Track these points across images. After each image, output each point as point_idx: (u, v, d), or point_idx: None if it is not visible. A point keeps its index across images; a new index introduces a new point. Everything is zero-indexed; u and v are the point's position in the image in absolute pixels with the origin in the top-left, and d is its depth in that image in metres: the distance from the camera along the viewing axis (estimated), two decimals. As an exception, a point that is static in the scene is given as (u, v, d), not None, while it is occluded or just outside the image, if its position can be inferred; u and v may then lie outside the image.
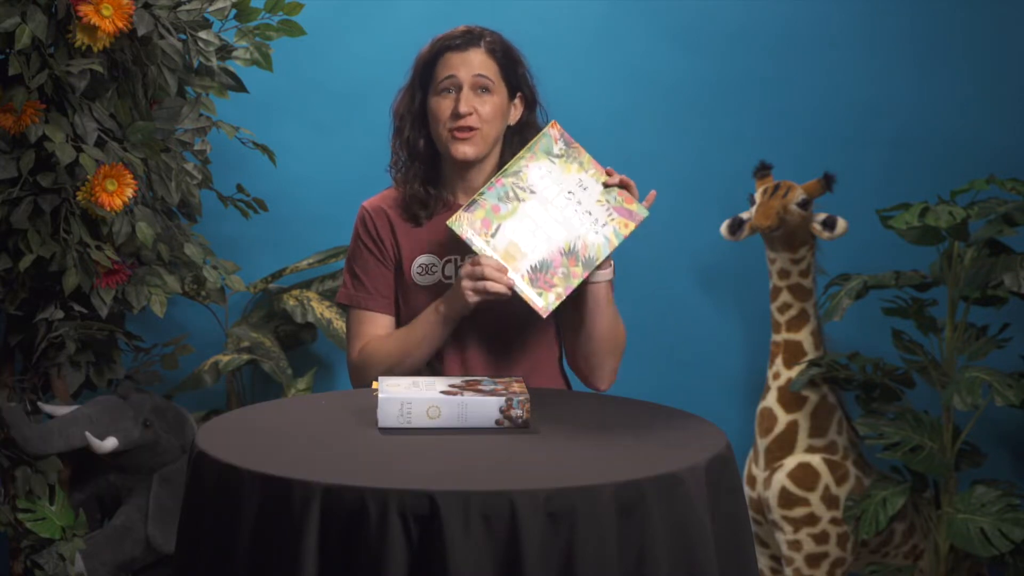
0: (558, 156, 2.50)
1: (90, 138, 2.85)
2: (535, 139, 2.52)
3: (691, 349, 3.74)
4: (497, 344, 2.59)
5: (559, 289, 2.43)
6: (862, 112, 3.70)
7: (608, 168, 2.51)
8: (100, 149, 2.86)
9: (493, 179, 2.49)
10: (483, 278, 2.43)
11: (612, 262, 2.55)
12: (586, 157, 2.51)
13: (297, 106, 3.62)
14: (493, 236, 2.45)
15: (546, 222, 2.45)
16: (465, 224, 2.45)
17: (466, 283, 2.44)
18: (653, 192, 2.53)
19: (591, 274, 2.48)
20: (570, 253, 2.44)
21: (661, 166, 3.68)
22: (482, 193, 2.47)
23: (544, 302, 2.43)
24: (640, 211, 2.48)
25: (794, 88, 3.70)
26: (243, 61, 3.12)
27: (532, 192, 2.47)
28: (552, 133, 2.51)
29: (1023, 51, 3.72)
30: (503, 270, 2.43)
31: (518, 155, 2.50)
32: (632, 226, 2.47)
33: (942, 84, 3.71)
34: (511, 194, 2.47)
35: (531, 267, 2.44)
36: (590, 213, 2.46)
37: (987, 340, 3.34)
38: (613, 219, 2.46)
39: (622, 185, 2.49)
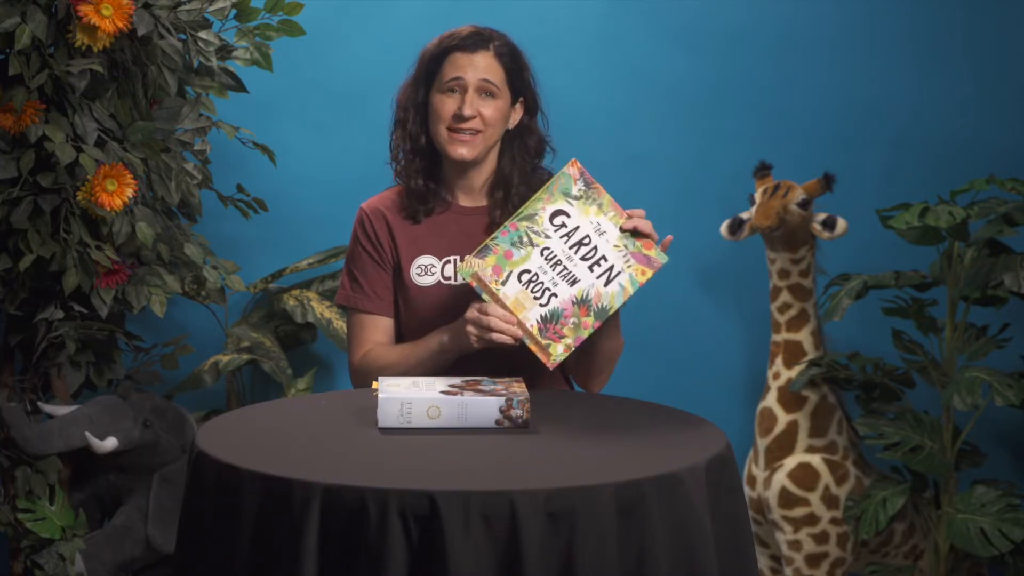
0: (576, 198, 2.40)
1: (90, 138, 2.85)
2: (554, 178, 2.42)
3: (691, 349, 3.74)
4: (501, 357, 2.57)
5: (568, 340, 2.37)
6: (862, 112, 3.70)
7: (629, 211, 2.42)
8: (100, 149, 2.86)
9: (507, 223, 2.40)
10: (489, 328, 2.38)
11: None
12: (606, 199, 2.41)
13: (297, 106, 3.62)
14: (504, 284, 2.37)
15: (559, 269, 2.38)
16: (476, 270, 2.38)
17: (471, 329, 2.40)
18: (669, 237, 2.45)
19: None
20: (582, 302, 2.37)
21: (661, 166, 3.68)
22: (495, 237, 2.39)
23: (552, 354, 2.36)
24: (660, 257, 2.40)
25: (794, 88, 3.71)
26: (243, 61, 3.12)
27: (547, 237, 2.38)
28: (572, 172, 2.42)
29: (1023, 51, 3.72)
30: (511, 320, 2.37)
31: (535, 196, 2.42)
32: (649, 273, 2.39)
33: (942, 84, 3.71)
34: (525, 239, 2.38)
35: (541, 317, 2.36)
36: (606, 259, 2.38)
37: (987, 340, 3.34)
38: (630, 266, 2.39)
39: (637, 232, 2.40)
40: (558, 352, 2.37)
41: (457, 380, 2.29)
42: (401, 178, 2.65)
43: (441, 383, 2.26)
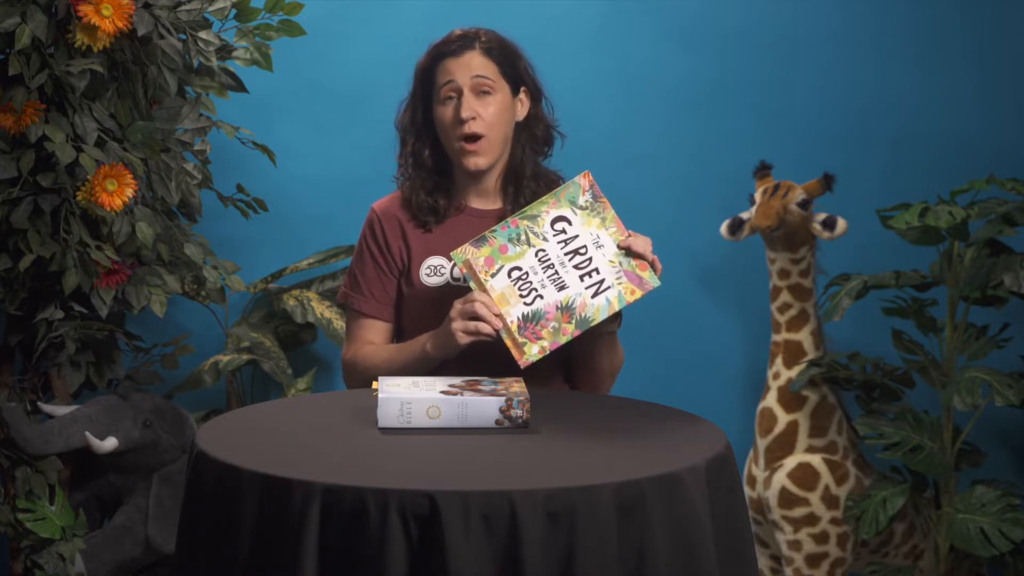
0: (581, 208, 2.41)
1: (90, 138, 2.85)
2: (563, 185, 2.43)
3: (691, 349, 3.74)
4: (500, 363, 2.56)
5: (544, 343, 2.35)
6: (862, 112, 3.70)
7: (630, 232, 2.41)
8: (100, 149, 2.86)
9: (508, 219, 2.41)
10: (475, 316, 2.37)
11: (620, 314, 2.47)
12: (610, 214, 2.41)
13: (297, 106, 3.62)
14: (493, 276, 2.37)
15: (550, 273, 2.37)
16: (468, 257, 2.38)
17: (457, 323, 2.39)
18: (655, 258, 2.42)
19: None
20: (566, 309, 2.35)
21: (661, 166, 3.68)
22: (494, 231, 2.40)
23: (526, 353, 2.35)
24: (651, 280, 2.39)
25: (794, 88, 3.70)
26: (243, 61, 3.12)
27: (545, 240, 2.38)
28: (582, 183, 2.42)
29: (1023, 51, 3.72)
30: (494, 311, 2.36)
31: (542, 199, 2.42)
32: (639, 293, 2.38)
33: (942, 84, 3.71)
34: (523, 237, 2.39)
35: (522, 315, 2.35)
36: (598, 271, 2.38)
37: (987, 340, 3.34)
38: (621, 283, 2.37)
39: (632, 252, 2.39)
40: (532, 352, 2.35)
41: (457, 380, 2.29)
42: (406, 194, 2.65)
43: (441, 383, 2.27)
